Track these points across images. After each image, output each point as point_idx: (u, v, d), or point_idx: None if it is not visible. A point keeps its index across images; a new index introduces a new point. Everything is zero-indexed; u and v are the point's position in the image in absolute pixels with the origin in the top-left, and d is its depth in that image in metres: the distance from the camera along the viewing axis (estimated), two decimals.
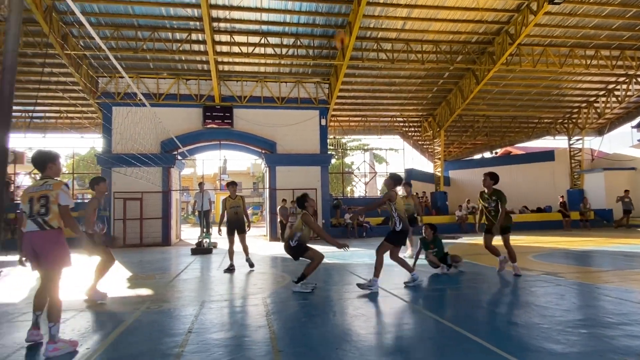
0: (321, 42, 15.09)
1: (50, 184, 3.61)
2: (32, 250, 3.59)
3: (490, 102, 20.53)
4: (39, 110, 18.16)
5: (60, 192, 3.61)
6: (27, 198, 3.55)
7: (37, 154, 3.70)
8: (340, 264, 8.93)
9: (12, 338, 3.99)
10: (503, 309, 5.01)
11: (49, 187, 3.58)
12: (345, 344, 3.61)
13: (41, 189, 3.56)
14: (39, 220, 3.54)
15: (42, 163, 3.64)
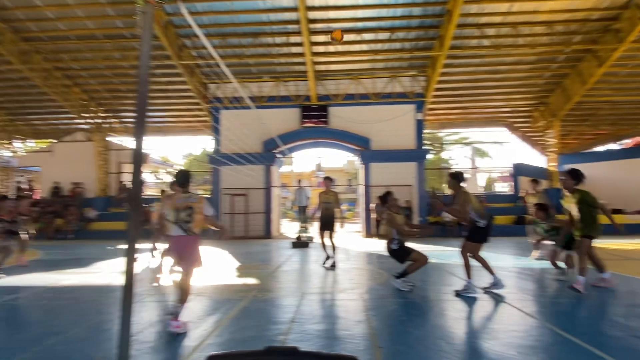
0: (418, 33, 14.63)
1: (195, 198, 4.26)
2: (176, 250, 4.19)
3: (617, 86, 17.90)
4: (160, 115, 20.50)
5: (204, 205, 4.27)
6: (174, 207, 4.18)
7: (183, 172, 4.45)
8: (439, 264, 8.60)
9: (141, 317, 4.59)
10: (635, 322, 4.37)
11: (194, 200, 4.22)
12: (447, 346, 3.47)
13: (186, 201, 4.19)
14: (184, 227, 4.17)
15: (187, 180, 4.32)
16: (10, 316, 4.90)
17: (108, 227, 17.28)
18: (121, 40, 14.87)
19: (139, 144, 2.32)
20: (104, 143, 20.15)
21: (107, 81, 17.49)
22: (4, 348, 3.57)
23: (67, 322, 4.51)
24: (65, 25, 14.19)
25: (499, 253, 10.43)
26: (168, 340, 3.75)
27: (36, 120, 21.25)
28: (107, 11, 13.48)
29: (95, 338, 3.86)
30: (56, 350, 3.46)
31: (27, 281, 6.91)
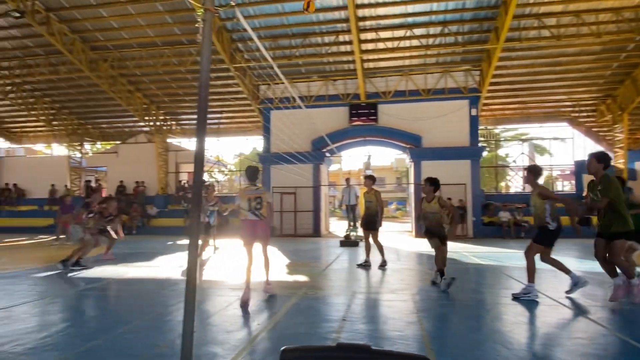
0: (471, 26, 14.12)
1: (261, 190, 5.40)
2: (251, 231, 5.25)
3: None
4: (215, 117, 21.30)
5: (268, 195, 5.46)
6: (246, 198, 5.26)
7: (252, 168, 5.59)
8: (495, 266, 8.26)
9: (200, 309, 4.81)
10: None
11: (261, 192, 5.35)
12: (506, 352, 3.33)
13: (256, 192, 5.31)
14: (257, 213, 5.24)
15: (255, 175, 5.50)
16: (84, 305, 5.32)
17: (167, 224, 18.27)
18: (179, 46, 15.64)
19: (201, 145, 2.44)
20: (163, 144, 21.29)
21: (166, 86, 18.47)
22: (78, 334, 3.89)
23: (134, 312, 4.83)
24: (129, 34, 15.16)
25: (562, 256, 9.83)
26: (226, 332, 3.91)
27: (103, 124, 22.88)
28: (166, 19, 14.23)
29: (159, 328, 4.10)
30: (124, 339, 3.72)
31: (98, 273, 7.46)
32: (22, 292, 5.76)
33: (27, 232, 18.75)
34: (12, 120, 22.93)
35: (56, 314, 4.72)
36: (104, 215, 8.96)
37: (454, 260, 9.19)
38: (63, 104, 20.73)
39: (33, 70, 17.03)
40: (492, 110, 20.20)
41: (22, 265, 8.48)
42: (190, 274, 2.55)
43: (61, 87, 18.87)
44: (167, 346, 3.49)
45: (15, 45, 16.13)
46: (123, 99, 17.99)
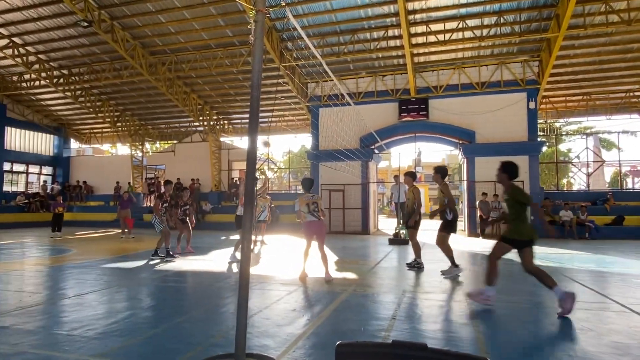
0: (530, 14, 13.35)
1: (316, 196, 6.58)
2: (312, 231, 6.44)
3: None
4: (265, 115, 21.78)
5: (320, 201, 6.62)
6: (305, 203, 6.40)
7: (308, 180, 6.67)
8: (555, 267, 7.79)
9: (252, 302, 4.95)
10: None
11: (317, 197, 6.56)
12: (568, 359, 3.14)
13: (312, 198, 6.48)
14: (315, 214, 6.39)
15: (310, 185, 6.60)
16: (146, 295, 5.67)
17: (221, 219, 18.97)
18: (231, 48, 16.14)
19: (253, 143, 2.51)
20: (217, 143, 22.12)
21: (219, 87, 19.15)
22: (141, 322, 4.15)
23: (190, 304, 5.08)
24: (185, 38, 15.87)
25: (633, 258, 9.11)
26: (277, 325, 4.01)
27: (161, 124, 24.17)
28: (218, 22, 14.74)
29: (214, 319, 4.28)
30: (182, 327, 3.93)
31: (159, 266, 7.91)
32: (91, 281, 6.23)
33: (95, 226, 20.28)
34: (82, 122, 24.84)
35: (121, 302, 5.06)
36: (180, 205, 9.55)
37: (511, 260, 8.77)
38: (126, 106, 22.12)
39: (99, 75, 18.31)
40: (552, 103, 19.01)
41: (91, 256, 9.18)
42: (244, 268, 2.64)
43: (124, 90, 20.15)
44: (223, 336, 3.64)
45: (84, 53, 17.43)
46: (179, 100, 18.88)
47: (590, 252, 10.14)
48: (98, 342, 3.49)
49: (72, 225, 20.79)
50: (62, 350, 3.32)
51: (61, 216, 14.95)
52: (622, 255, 9.67)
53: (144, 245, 11.69)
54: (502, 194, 5.23)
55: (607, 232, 14.35)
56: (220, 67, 16.68)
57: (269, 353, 3.19)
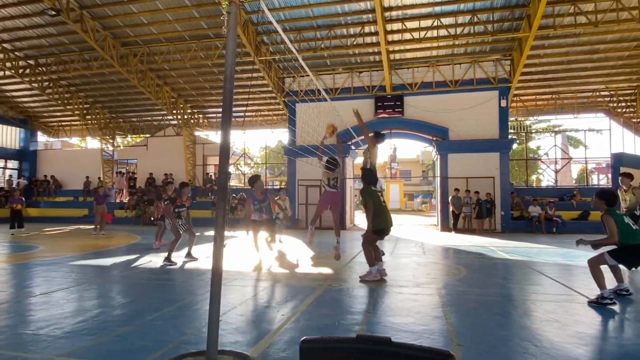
0: (502, 14, 13.66)
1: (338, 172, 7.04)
2: (329, 200, 6.99)
3: None
4: (240, 110, 21.53)
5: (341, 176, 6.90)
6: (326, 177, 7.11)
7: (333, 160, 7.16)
8: (523, 261, 8.04)
9: (226, 299, 4.90)
10: None
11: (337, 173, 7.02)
12: (534, 349, 3.25)
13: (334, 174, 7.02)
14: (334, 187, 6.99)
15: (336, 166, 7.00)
16: (116, 293, 5.52)
17: (195, 215, 18.62)
18: (206, 40, 15.85)
19: (226, 137, 2.47)
20: (191, 137, 21.72)
21: (193, 80, 18.79)
22: (111, 320, 4.04)
23: (162, 301, 4.98)
24: (157, 29, 15.47)
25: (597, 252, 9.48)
26: (250, 321, 3.98)
27: (133, 118, 23.54)
28: (193, 13, 14.43)
29: (187, 316, 4.21)
30: (154, 325, 3.84)
31: (129, 263, 7.72)
32: (59, 279, 6.03)
33: (64, 222, 19.60)
34: (50, 114, 23.92)
35: (91, 300, 4.92)
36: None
37: (481, 254, 9.02)
38: (96, 98, 21.43)
39: (68, 66, 17.66)
40: (523, 101, 19.57)
41: (59, 253, 8.87)
42: (216, 264, 2.60)
43: (94, 82, 19.50)
44: (195, 334, 3.59)
45: (52, 43, 16.75)
46: (152, 93, 18.42)
47: (557, 246, 10.51)
48: (65, 342, 3.38)
49: (40, 221, 20.03)
50: (28, 350, 3.20)
51: (19, 212, 14.31)
52: (587, 249, 10.06)
53: (115, 242, 11.39)
54: None
55: (573, 227, 14.91)
56: (195, 60, 16.35)
57: (242, 349, 3.17)
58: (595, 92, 18.61)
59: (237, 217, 17.99)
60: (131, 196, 21.21)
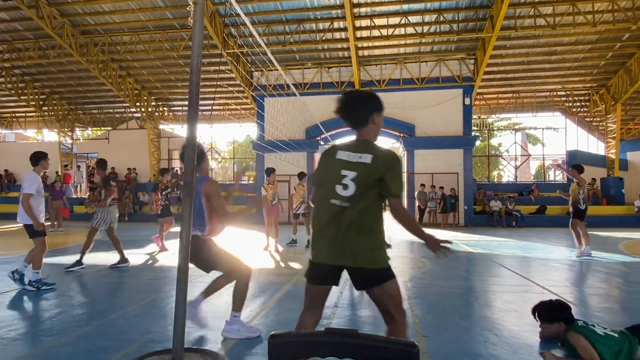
0: (467, 14, 14.03)
1: None
2: None
3: None
4: (207, 103, 21.10)
5: None
6: None
7: None
8: (485, 254, 8.36)
9: (193, 296, 4.81)
10: None
11: None
12: (494, 338, 3.40)
13: None
14: None
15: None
16: (76, 292, 5.32)
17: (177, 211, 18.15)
18: (171, 31, 15.39)
19: (192, 131, 2.42)
20: (155, 131, 21.10)
21: (158, 71, 18.23)
22: (71, 320, 3.89)
23: (126, 299, 4.84)
24: (119, 18, 14.88)
25: (553, 244, 9.97)
26: (218, 318, 3.93)
27: (94, 110, 22.59)
28: (157, 2, 13.97)
29: (152, 314, 4.11)
30: (117, 324, 3.73)
31: (90, 260, 7.44)
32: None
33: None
34: (2, 105, 22.56)
35: (49, 300, 4.71)
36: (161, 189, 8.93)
37: None
38: (53, 89, 20.41)
39: (22, 54, 16.70)
40: (485, 100, 20.24)
41: (13, 251, 8.43)
42: (182, 260, 2.55)
43: (51, 71, 18.55)
44: (160, 332, 3.51)
45: (4, 29, 15.77)
46: (114, 85, 17.74)
47: (516, 239, 10.99)
48: (21, 343, 3.23)
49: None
50: None
51: None
52: (544, 241, 10.58)
53: (73, 239, 10.94)
54: None
55: (532, 221, 15.62)
56: (160, 51, 15.86)
57: (209, 347, 3.13)
58: (553, 92, 19.50)
59: None
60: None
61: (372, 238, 2.12)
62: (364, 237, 2.10)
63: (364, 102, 2.31)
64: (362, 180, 2.07)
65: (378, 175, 2.06)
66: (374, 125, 2.29)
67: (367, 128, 2.27)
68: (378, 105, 2.32)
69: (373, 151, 2.15)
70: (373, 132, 2.31)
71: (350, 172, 2.09)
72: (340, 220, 2.08)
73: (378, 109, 2.31)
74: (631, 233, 12.67)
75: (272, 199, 8.90)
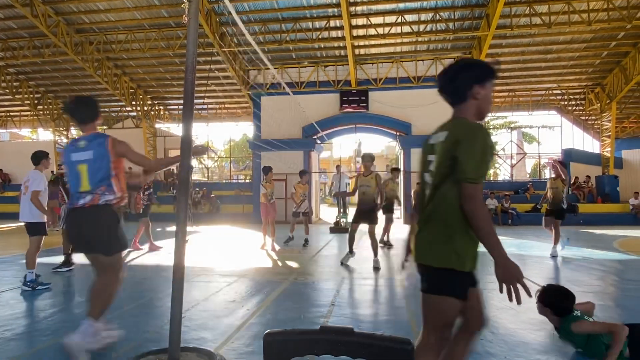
0: (463, 13, 14.05)
1: None
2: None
3: None
4: (203, 102, 21.02)
5: None
6: None
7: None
8: (481, 252, 8.37)
9: (190, 295, 4.81)
10: None
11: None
12: (491, 336, 3.41)
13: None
14: None
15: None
16: (72, 292, 5.29)
17: (156, 210, 18.09)
18: (166, 29, 15.33)
19: (188, 130, 2.41)
20: (151, 130, 21.02)
21: (154, 70, 18.14)
22: (67, 320, 3.87)
23: (123, 299, 4.81)
24: (115, 16, 14.79)
25: (548, 242, 10.01)
26: (215, 317, 3.93)
27: None
28: (152, 1, 13.90)
29: (148, 314, 4.10)
30: (113, 324, 3.72)
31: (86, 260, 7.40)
32: (9, 278, 5.70)
33: (14, 218, 18.46)
34: None
35: (45, 300, 4.68)
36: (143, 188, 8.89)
37: None
38: (48, 87, 20.28)
39: (17, 52, 16.58)
40: None
41: (9, 251, 8.39)
42: (178, 260, 2.54)
43: (46, 70, 18.43)
44: (157, 332, 3.50)
45: None
46: (109, 83, 17.65)
47: (512, 237, 11.03)
48: (17, 343, 3.21)
49: None
50: None
51: None
52: (539, 239, 10.63)
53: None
54: None
55: (527, 219, 15.67)
56: (155, 49, 15.79)
57: (206, 346, 3.12)
58: (548, 91, 19.56)
59: (200, 211, 17.65)
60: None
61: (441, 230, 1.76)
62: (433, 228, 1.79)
63: (460, 72, 1.87)
64: (438, 162, 1.79)
65: (450, 154, 1.72)
66: (476, 101, 1.85)
67: (466, 104, 1.85)
68: (482, 74, 1.87)
69: (451, 126, 1.82)
70: (474, 109, 1.87)
71: (432, 156, 1.85)
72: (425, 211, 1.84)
73: (481, 80, 1.85)
74: (626, 231, 12.74)
75: (270, 197, 8.90)
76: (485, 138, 1.71)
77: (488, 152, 1.70)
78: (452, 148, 1.71)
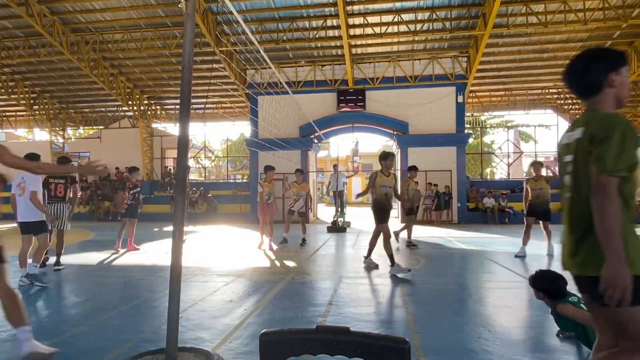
0: (459, 12, 14.06)
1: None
2: None
3: None
4: (201, 102, 20.98)
5: None
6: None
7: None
8: (478, 251, 8.41)
9: (187, 295, 4.80)
10: None
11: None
12: (487, 334, 3.42)
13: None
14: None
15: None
16: (69, 292, 5.28)
17: (153, 210, 18.09)
18: (163, 28, 15.28)
19: (184, 129, 2.40)
20: (148, 129, 20.96)
21: (150, 69, 18.09)
22: (63, 321, 3.86)
23: (119, 299, 4.81)
24: (111, 16, 14.73)
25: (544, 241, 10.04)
26: (212, 317, 3.92)
27: (85, 108, 22.38)
28: (149, 0, 13.85)
29: (145, 314, 4.09)
30: (111, 324, 3.71)
31: (83, 260, 7.38)
32: None
33: (10, 218, 18.39)
34: None
35: (41, 300, 4.67)
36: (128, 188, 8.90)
37: (439, 245, 9.34)
38: (44, 87, 20.19)
39: (12, 52, 16.48)
40: (478, 97, 20.32)
41: (6, 251, 8.33)
42: (175, 259, 2.54)
43: (41, 70, 18.35)
44: (154, 332, 3.50)
45: None
46: (106, 83, 17.58)
47: (509, 236, 11.05)
48: (13, 344, 3.19)
49: None
50: None
51: None
52: (536, 238, 10.65)
53: (67, 239, 10.82)
54: None
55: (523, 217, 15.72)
56: (152, 49, 15.73)
57: (203, 345, 3.12)
58: (545, 90, 19.63)
59: (197, 211, 17.63)
60: (84, 191, 20.25)
61: (589, 235, 1.62)
62: (579, 233, 1.67)
63: (592, 63, 1.74)
64: (576, 160, 1.70)
65: (588, 148, 1.62)
66: (613, 89, 1.72)
67: (601, 94, 1.72)
68: (615, 61, 1.73)
69: (586, 120, 1.70)
70: (612, 98, 1.73)
71: (569, 156, 1.74)
72: (567, 216, 1.74)
73: (616, 67, 1.72)
74: None
75: (267, 197, 8.88)
76: (625, 126, 1.58)
77: (629, 142, 1.55)
78: (589, 141, 1.62)
